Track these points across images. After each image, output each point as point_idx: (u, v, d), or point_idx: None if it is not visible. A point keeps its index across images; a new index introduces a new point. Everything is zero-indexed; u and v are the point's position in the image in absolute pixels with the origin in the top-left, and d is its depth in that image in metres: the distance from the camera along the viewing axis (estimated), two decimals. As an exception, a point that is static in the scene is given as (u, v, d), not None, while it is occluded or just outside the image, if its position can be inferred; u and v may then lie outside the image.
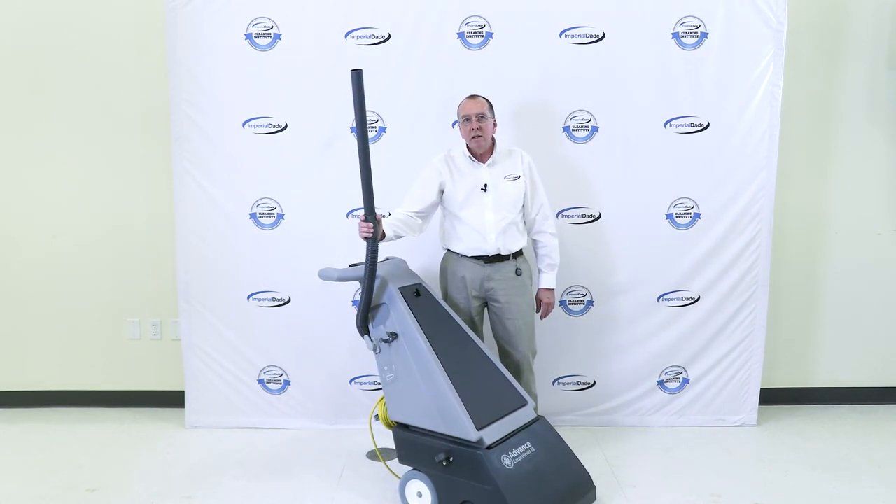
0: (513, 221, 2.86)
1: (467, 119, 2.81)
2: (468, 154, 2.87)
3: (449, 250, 2.96)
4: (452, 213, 2.88)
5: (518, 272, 2.90)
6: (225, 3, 3.18)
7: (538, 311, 3.03)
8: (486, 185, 2.83)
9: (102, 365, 3.68)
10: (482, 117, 2.79)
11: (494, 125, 2.88)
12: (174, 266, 3.37)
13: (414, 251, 3.14)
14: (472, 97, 2.85)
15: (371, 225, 2.50)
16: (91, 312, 3.64)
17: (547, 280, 3.00)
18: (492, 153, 2.88)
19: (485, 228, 2.83)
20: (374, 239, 2.53)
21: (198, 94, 3.24)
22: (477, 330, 2.96)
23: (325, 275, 2.72)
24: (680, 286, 3.34)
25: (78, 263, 3.60)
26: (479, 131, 2.80)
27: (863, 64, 3.43)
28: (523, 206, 2.90)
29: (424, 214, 2.85)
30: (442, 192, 2.87)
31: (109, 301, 3.63)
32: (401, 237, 2.75)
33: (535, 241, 3.00)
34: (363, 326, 2.66)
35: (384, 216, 2.68)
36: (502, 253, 2.86)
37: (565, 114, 3.24)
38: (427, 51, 3.19)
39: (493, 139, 2.89)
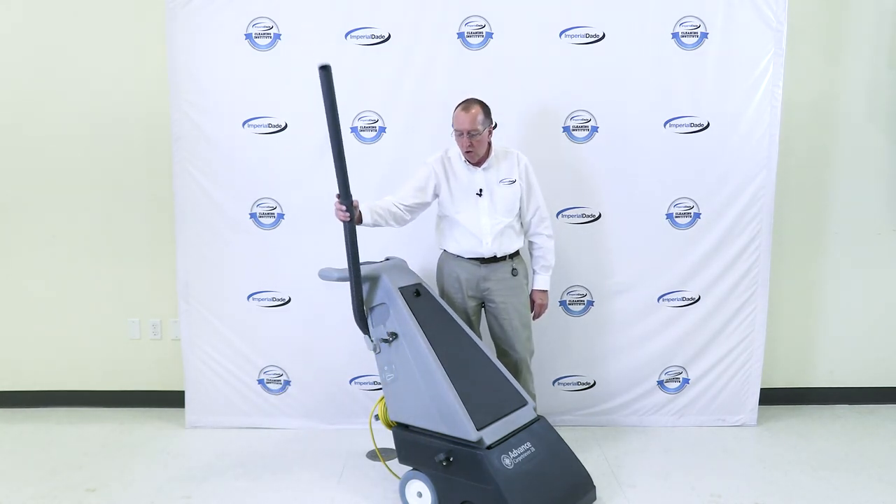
0: (509, 225, 2.85)
1: (460, 134, 2.75)
2: (464, 158, 2.82)
3: (445, 250, 2.95)
4: (448, 215, 2.87)
5: (514, 272, 2.90)
6: (225, 3, 3.18)
7: (531, 311, 3.02)
8: (480, 190, 2.81)
9: (102, 365, 3.68)
10: (474, 134, 2.71)
11: (490, 132, 2.81)
12: (174, 266, 3.37)
13: (412, 250, 3.14)
14: (465, 107, 2.73)
15: (344, 207, 2.45)
16: (91, 312, 3.64)
17: (541, 281, 3.00)
18: (487, 157, 2.84)
19: (480, 232, 2.82)
20: (351, 221, 2.49)
21: (198, 94, 3.24)
22: (474, 329, 2.95)
23: (325, 275, 2.72)
24: (680, 286, 3.34)
25: (78, 264, 3.60)
26: (470, 147, 2.74)
27: (863, 64, 3.43)
28: (520, 208, 2.89)
29: (413, 210, 2.80)
30: (436, 195, 2.85)
31: (109, 301, 3.63)
32: (380, 226, 2.70)
33: (530, 243, 2.99)
34: (361, 320, 2.64)
35: (361, 203, 2.58)
36: (498, 255, 2.86)
37: (565, 114, 3.24)
38: (427, 51, 3.19)
39: (489, 143, 2.84)
